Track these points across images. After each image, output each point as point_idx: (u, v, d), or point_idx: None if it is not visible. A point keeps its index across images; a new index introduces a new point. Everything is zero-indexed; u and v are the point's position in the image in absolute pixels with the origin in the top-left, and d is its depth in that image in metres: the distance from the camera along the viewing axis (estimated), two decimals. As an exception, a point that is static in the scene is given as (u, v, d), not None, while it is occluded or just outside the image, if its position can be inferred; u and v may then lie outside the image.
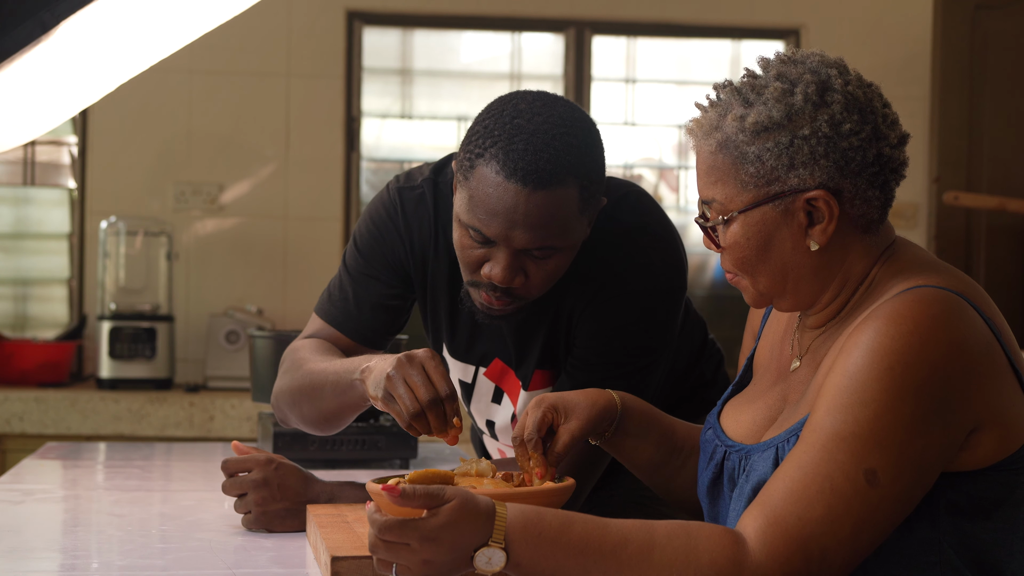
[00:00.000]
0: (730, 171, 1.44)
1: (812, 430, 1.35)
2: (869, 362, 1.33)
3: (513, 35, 5.02)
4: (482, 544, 1.33)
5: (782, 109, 1.41)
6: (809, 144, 1.41)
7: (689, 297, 2.09)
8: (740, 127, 1.43)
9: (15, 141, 2.57)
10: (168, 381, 4.44)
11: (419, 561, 1.33)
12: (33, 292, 4.83)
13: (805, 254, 1.45)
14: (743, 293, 1.54)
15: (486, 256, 1.77)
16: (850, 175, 1.42)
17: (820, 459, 1.33)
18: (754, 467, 1.48)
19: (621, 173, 5.07)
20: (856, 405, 1.33)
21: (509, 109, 1.75)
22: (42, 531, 1.93)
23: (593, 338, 1.87)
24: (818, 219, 1.43)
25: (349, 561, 1.49)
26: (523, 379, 1.98)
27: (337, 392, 1.85)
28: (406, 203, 1.96)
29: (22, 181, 4.82)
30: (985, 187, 4.98)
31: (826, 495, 1.32)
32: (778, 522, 1.32)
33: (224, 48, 4.66)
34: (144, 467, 2.59)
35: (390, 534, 1.33)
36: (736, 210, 1.45)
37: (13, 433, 4.12)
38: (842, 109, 1.42)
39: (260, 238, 4.77)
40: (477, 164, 1.73)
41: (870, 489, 1.31)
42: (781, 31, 5.08)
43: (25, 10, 1.83)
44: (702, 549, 1.33)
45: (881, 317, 1.35)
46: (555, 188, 1.71)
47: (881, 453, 1.31)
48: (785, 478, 1.34)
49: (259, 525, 1.84)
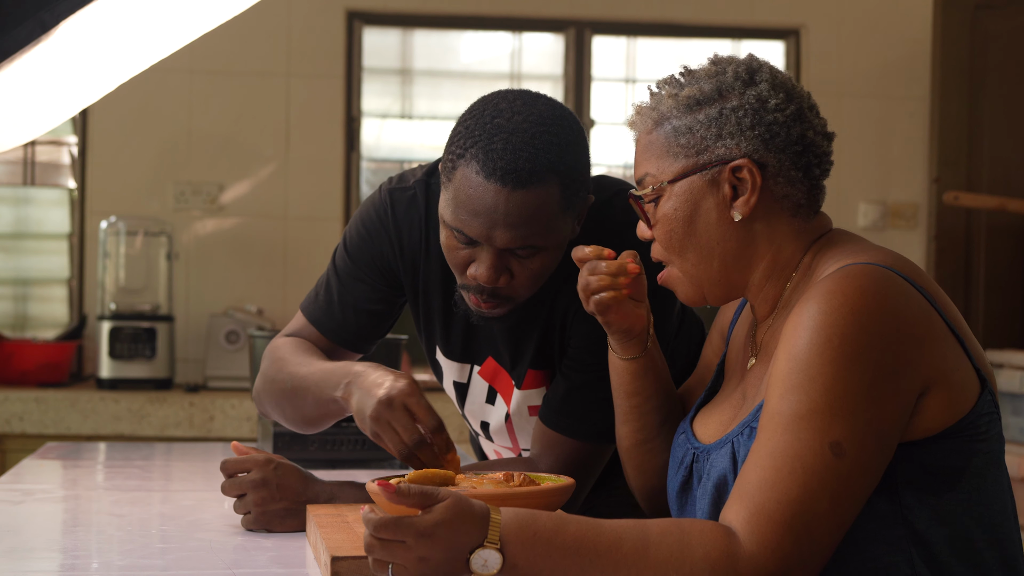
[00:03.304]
0: (663, 145, 1.52)
1: (770, 417, 1.38)
2: (809, 340, 1.36)
3: (513, 35, 5.02)
4: (477, 545, 1.34)
5: (713, 84, 1.50)
6: (736, 115, 1.48)
7: None
8: (675, 103, 1.51)
9: (15, 141, 2.57)
10: (168, 381, 4.44)
11: (415, 559, 1.33)
12: (33, 292, 4.83)
13: (730, 226, 1.50)
14: (676, 289, 1.57)
15: (471, 257, 1.77)
16: (774, 150, 1.48)
17: (786, 442, 1.35)
18: (713, 464, 1.51)
19: (621, 173, 5.07)
20: (806, 383, 1.35)
21: (490, 109, 1.75)
22: (42, 531, 1.93)
23: (587, 338, 1.86)
24: (742, 191, 1.49)
25: (349, 561, 1.49)
26: (516, 379, 1.97)
27: (318, 403, 1.87)
28: (397, 205, 1.95)
29: (22, 181, 4.82)
30: (985, 187, 4.98)
31: (798, 475, 1.34)
32: (760, 510, 1.34)
33: (224, 48, 4.66)
34: (144, 467, 2.60)
35: (385, 531, 1.33)
36: (666, 180, 1.51)
37: (13, 433, 4.12)
38: (769, 88, 1.49)
39: (260, 238, 4.77)
40: (459, 165, 1.73)
41: (838, 461, 1.34)
42: (781, 31, 5.08)
43: (25, 10, 1.83)
44: (695, 544, 1.34)
45: (814, 297, 1.39)
46: (535, 186, 1.70)
47: (841, 424, 1.34)
48: (756, 467, 1.36)
49: (259, 525, 1.84)
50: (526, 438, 2.02)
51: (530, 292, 1.81)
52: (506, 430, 2.04)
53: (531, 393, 1.97)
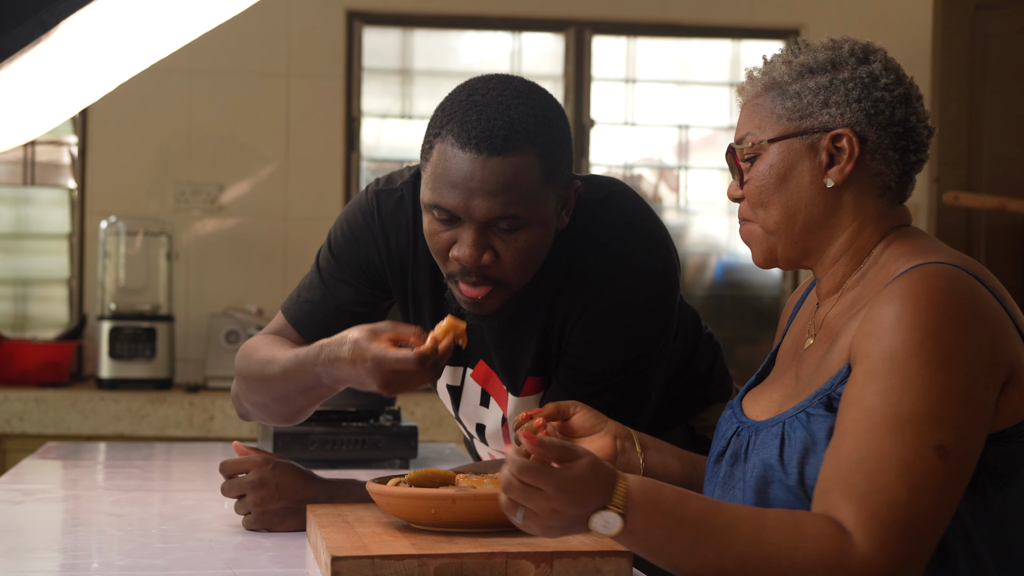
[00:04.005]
0: (769, 107, 1.56)
1: (866, 413, 1.39)
2: (903, 341, 1.39)
3: (513, 35, 5.02)
4: (601, 506, 1.36)
5: (828, 55, 1.55)
6: (846, 86, 1.52)
7: (680, 292, 2.08)
8: (788, 69, 1.56)
9: (15, 141, 2.57)
10: (168, 381, 4.44)
11: (549, 509, 1.35)
12: (33, 292, 4.83)
13: (820, 191, 1.54)
14: (751, 248, 1.61)
15: (453, 238, 1.73)
16: (876, 126, 1.52)
17: (891, 444, 1.37)
18: (763, 442, 1.52)
19: (621, 173, 5.07)
20: (905, 384, 1.38)
21: (465, 89, 1.75)
22: (42, 531, 1.93)
23: (588, 347, 1.84)
24: (838, 160, 1.53)
25: (349, 561, 1.49)
26: (512, 386, 1.94)
27: (297, 378, 1.83)
28: (383, 207, 1.92)
29: (22, 181, 4.82)
30: (985, 187, 4.98)
31: (906, 478, 1.36)
32: (873, 514, 1.35)
33: (224, 48, 4.66)
34: (144, 467, 2.59)
35: (528, 476, 1.35)
36: (766, 139, 1.55)
37: (13, 433, 4.12)
38: (882, 68, 1.54)
39: (260, 238, 4.77)
40: (435, 144, 1.72)
41: (943, 463, 1.36)
42: (781, 31, 5.08)
43: (25, 10, 1.83)
44: (809, 536, 1.36)
45: (896, 297, 1.41)
46: (511, 155, 1.68)
47: (944, 428, 1.37)
48: (863, 468, 1.38)
49: (260, 525, 1.84)
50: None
51: (521, 277, 1.77)
52: (502, 434, 2.02)
53: (529, 400, 1.94)
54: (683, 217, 5.10)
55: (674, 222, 5.09)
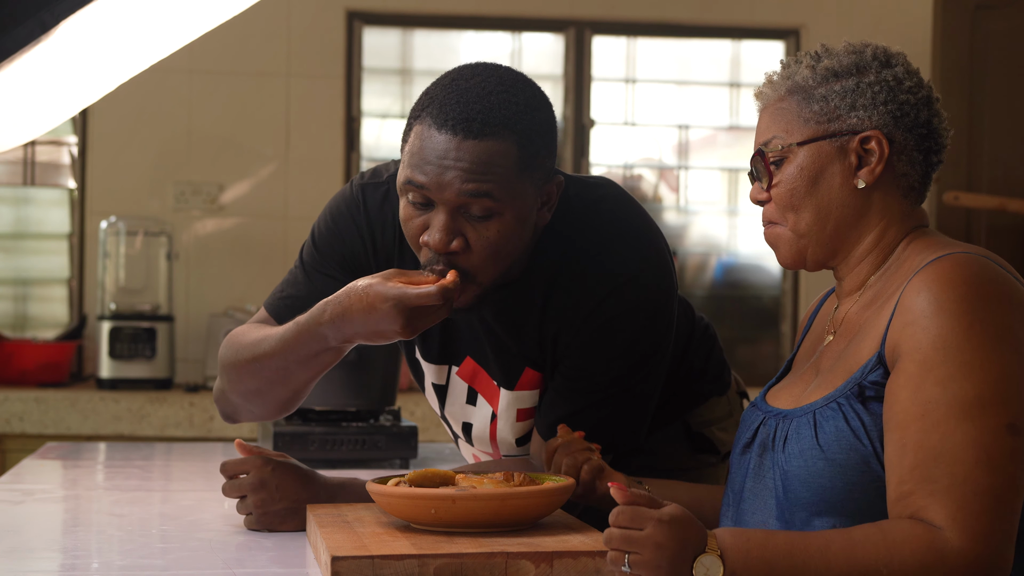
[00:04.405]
0: (795, 110, 1.59)
1: (931, 406, 1.40)
2: (952, 327, 1.41)
3: (513, 35, 5.02)
4: (699, 552, 1.38)
5: (852, 59, 1.58)
6: (872, 90, 1.56)
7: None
8: (812, 73, 1.58)
9: (15, 141, 2.57)
10: (168, 381, 4.44)
11: (653, 545, 1.36)
12: (33, 292, 4.83)
13: (851, 193, 1.57)
14: (776, 249, 1.62)
15: (426, 223, 1.71)
16: (902, 127, 1.56)
17: (963, 431, 1.39)
18: (797, 430, 1.53)
19: (621, 173, 5.07)
20: (964, 369, 1.40)
21: (451, 75, 1.74)
22: (42, 531, 1.93)
23: (585, 358, 1.82)
24: (867, 162, 1.56)
25: (349, 561, 1.49)
26: (506, 379, 1.91)
27: (302, 357, 1.77)
28: (369, 200, 1.90)
29: (22, 181, 4.82)
30: (985, 187, 4.98)
31: (985, 462, 1.38)
32: (961, 506, 1.37)
33: (224, 48, 4.66)
34: (144, 467, 2.60)
35: (626, 518, 1.38)
36: (795, 142, 1.57)
37: (13, 433, 4.12)
38: (905, 71, 1.58)
39: (260, 238, 4.77)
40: (414, 126, 1.71)
41: (1017, 440, 1.39)
42: (781, 31, 5.08)
43: (25, 10, 1.83)
44: (900, 542, 1.38)
45: (931, 284, 1.44)
46: (488, 138, 1.67)
47: (1010, 406, 1.39)
48: (941, 461, 1.39)
49: (261, 525, 1.83)
50: (507, 446, 1.98)
51: (490, 271, 1.74)
52: (489, 433, 1.99)
53: (523, 395, 1.92)
54: (683, 217, 5.09)
55: (674, 222, 5.09)
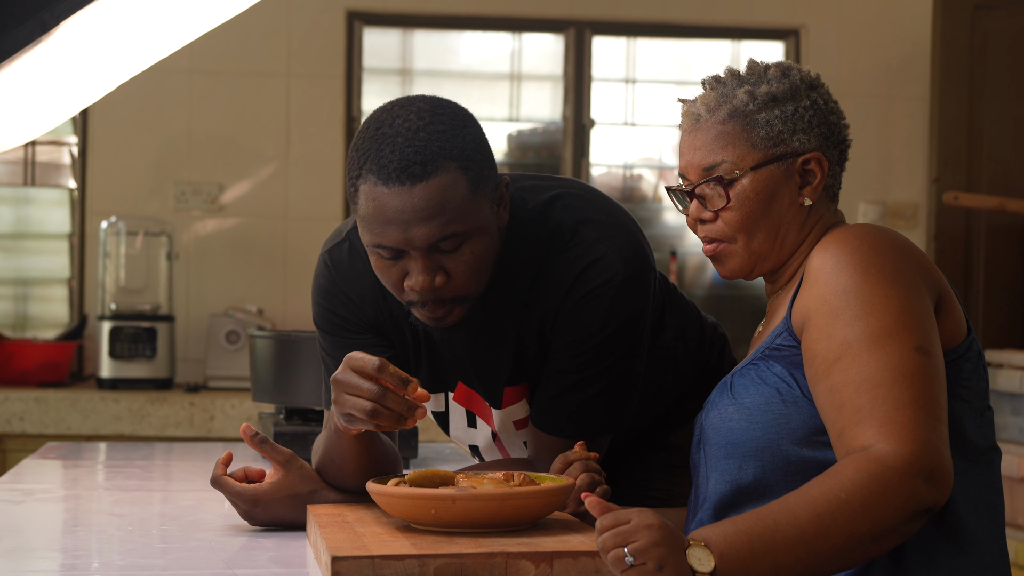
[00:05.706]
0: (741, 135, 1.68)
1: (844, 347, 1.51)
2: (849, 275, 1.54)
3: (513, 35, 5.02)
4: (685, 546, 1.39)
5: (786, 85, 1.69)
6: (808, 114, 1.69)
7: (674, 285, 2.07)
8: (751, 99, 1.68)
9: (15, 141, 2.57)
10: (168, 381, 4.44)
11: (644, 528, 1.38)
12: (33, 292, 4.83)
13: (798, 210, 1.69)
14: (722, 263, 1.73)
15: (403, 270, 1.74)
16: (831, 145, 1.71)
17: (876, 359, 1.49)
18: (717, 397, 1.67)
19: (621, 173, 5.08)
20: (867, 307, 1.52)
21: (372, 123, 1.74)
22: (42, 531, 1.93)
23: (570, 339, 1.83)
24: (810, 179, 1.69)
25: (349, 561, 1.49)
26: (492, 399, 1.94)
27: (339, 449, 1.83)
28: (338, 265, 1.93)
29: (22, 181, 4.82)
30: (985, 187, 4.98)
31: (901, 380, 1.47)
32: (885, 421, 1.45)
33: (224, 48, 4.66)
34: (144, 467, 2.60)
35: (610, 519, 1.40)
36: (748, 167, 1.67)
37: (13, 433, 4.12)
38: (825, 92, 1.73)
39: (260, 238, 4.77)
40: (359, 186, 1.72)
41: (927, 360, 1.49)
42: (781, 31, 5.08)
43: (25, 10, 1.84)
44: (843, 467, 1.44)
45: (828, 247, 1.58)
46: (433, 176, 1.69)
47: (914, 331, 1.50)
48: (862, 390, 1.48)
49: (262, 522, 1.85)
50: (518, 451, 2.00)
51: (477, 286, 1.77)
52: (495, 447, 2.02)
53: (512, 409, 1.94)
54: (683, 217, 5.09)
55: (674, 222, 5.09)
